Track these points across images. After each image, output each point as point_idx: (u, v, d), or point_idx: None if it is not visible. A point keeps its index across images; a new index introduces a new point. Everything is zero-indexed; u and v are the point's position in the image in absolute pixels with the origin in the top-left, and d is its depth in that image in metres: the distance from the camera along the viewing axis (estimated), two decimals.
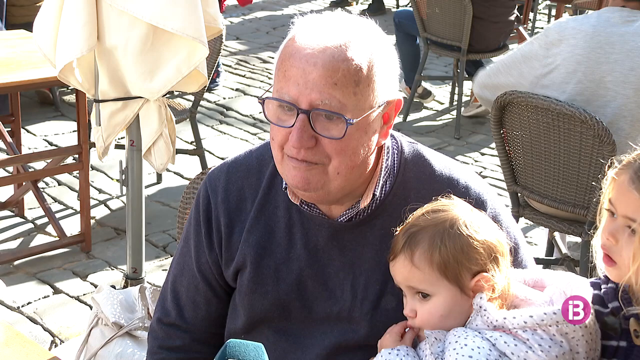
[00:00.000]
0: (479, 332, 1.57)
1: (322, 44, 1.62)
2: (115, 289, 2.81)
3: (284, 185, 1.80)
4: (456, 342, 1.55)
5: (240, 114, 6.50)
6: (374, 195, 1.76)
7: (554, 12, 8.14)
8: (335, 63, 1.61)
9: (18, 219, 4.65)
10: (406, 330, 1.68)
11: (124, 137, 3.50)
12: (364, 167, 1.72)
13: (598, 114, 3.32)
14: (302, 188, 1.69)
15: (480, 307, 1.59)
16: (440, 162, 1.83)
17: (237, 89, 7.03)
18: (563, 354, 1.53)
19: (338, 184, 1.69)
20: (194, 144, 5.18)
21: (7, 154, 4.74)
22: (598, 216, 1.60)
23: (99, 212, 4.79)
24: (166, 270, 2.97)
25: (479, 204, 1.75)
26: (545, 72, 3.49)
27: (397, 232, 1.67)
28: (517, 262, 1.77)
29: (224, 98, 6.83)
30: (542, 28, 9.03)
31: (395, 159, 1.80)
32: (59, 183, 5.11)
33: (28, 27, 4.08)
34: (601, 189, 1.59)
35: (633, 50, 3.33)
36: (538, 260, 3.81)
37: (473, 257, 1.60)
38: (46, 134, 5.79)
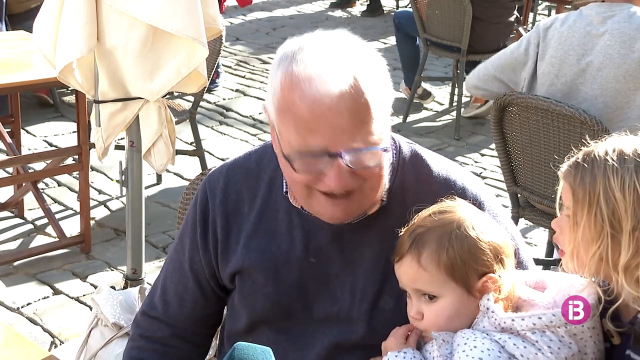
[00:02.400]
0: (487, 334, 1.57)
1: (335, 88, 1.59)
2: (115, 289, 2.81)
3: (284, 189, 1.80)
4: (465, 344, 1.55)
5: (240, 115, 6.50)
6: (382, 201, 1.77)
7: (553, 12, 8.14)
8: (357, 104, 1.59)
9: (18, 220, 4.65)
10: (409, 333, 1.69)
11: (123, 138, 3.50)
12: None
13: None
14: (342, 219, 1.72)
15: (488, 308, 1.59)
16: (438, 163, 1.84)
17: (236, 90, 7.03)
18: (572, 355, 1.53)
19: (372, 198, 1.72)
20: (194, 144, 5.18)
21: (6, 155, 4.74)
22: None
23: (98, 213, 4.79)
24: None
25: (476, 205, 1.75)
26: (529, 70, 3.55)
27: (401, 233, 1.67)
28: (518, 263, 1.77)
29: (224, 99, 6.82)
30: None
31: (394, 159, 1.81)
32: (59, 184, 5.11)
33: (28, 15, 4.05)
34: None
35: (602, 49, 3.36)
36: (538, 261, 3.81)
37: (480, 258, 1.60)
38: (46, 135, 5.79)
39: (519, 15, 6.68)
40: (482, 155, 6.03)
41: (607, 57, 3.34)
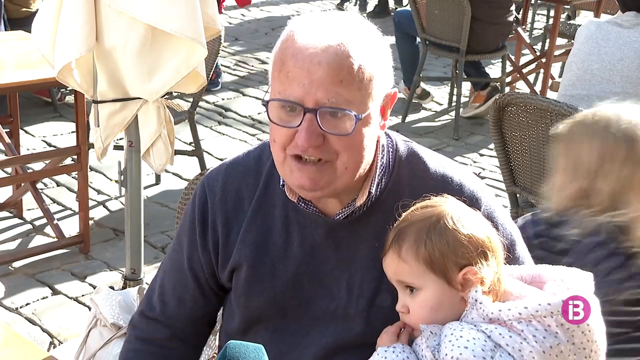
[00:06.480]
0: (474, 325, 1.59)
1: (323, 42, 1.63)
2: (113, 290, 2.81)
3: (281, 182, 1.80)
4: (452, 334, 1.58)
5: (239, 115, 6.50)
6: (369, 193, 1.76)
7: (552, 13, 8.14)
8: (340, 61, 1.62)
9: (17, 220, 4.65)
10: (401, 330, 1.70)
11: (122, 138, 3.50)
12: (367, 162, 1.73)
13: (581, 96, 3.67)
14: (308, 189, 1.70)
15: (476, 300, 1.61)
16: (435, 161, 1.84)
17: (235, 90, 7.03)
18: (557, 344, 1.54)
19: (345, 180, 1.70)
20: (193, 144, 5.18)
21: (5, 155, 4.74)
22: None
23: (97, 213, 4.79)
24: None
25: (473, 201, 1.76)
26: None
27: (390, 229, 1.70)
28: (514, 259, 1.78)
29: (223, 99, 6.83)
30: (540, 29, 9.04)
31: (390, 156, 1.81)
32: (58, 184, 5.11)
33: (28, 21, 4.06)
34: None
35: (626, 44, 3.61)
36: None
37: (459, 251, 1.62)
38: (45, 135, 5.79)
39: (517, 16, 6.68)
40: (481, 155, 6.04)
41: None
